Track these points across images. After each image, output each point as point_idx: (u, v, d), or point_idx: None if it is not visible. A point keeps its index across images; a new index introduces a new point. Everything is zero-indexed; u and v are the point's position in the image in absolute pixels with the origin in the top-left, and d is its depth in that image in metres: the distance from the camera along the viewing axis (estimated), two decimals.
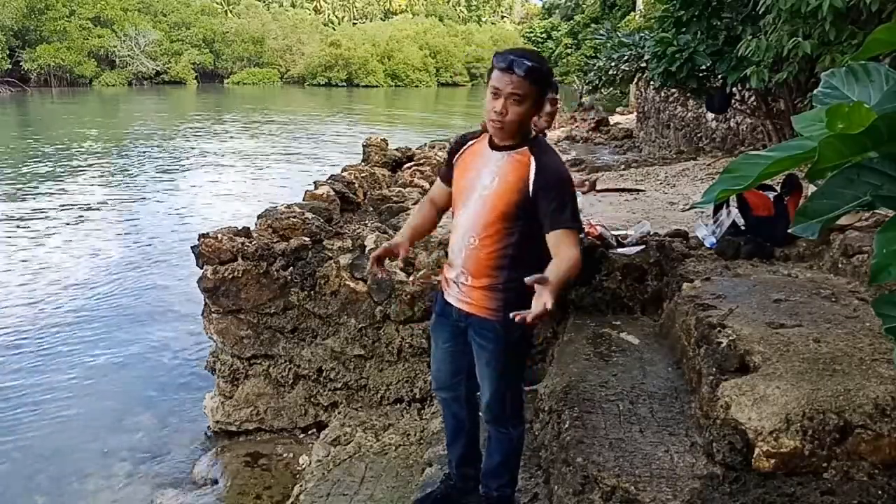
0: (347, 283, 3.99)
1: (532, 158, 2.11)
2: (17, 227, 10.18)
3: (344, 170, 6.33)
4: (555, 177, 2.11)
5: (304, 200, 5.16)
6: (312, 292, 4.06)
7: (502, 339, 2.21)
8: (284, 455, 4.11)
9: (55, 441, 4.49)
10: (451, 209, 2.37)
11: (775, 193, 3.96)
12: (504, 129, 2.10)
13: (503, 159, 2.15)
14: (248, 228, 4.43)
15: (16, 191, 12.86)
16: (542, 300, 1.85)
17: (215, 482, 3.99)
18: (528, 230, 2.13)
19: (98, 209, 11.48)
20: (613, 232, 4.16)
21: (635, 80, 10.61)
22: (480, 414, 2.45)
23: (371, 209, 5.45)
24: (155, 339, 6.19)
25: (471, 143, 2.30)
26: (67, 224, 10.39)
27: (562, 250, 2.04)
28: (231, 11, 65.77)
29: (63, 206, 11.62)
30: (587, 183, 3.52)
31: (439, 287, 2.42)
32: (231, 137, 21.86)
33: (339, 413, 4.09)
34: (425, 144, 9.18)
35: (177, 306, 6.88)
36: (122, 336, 6.26)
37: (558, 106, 3.39)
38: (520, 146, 2.14)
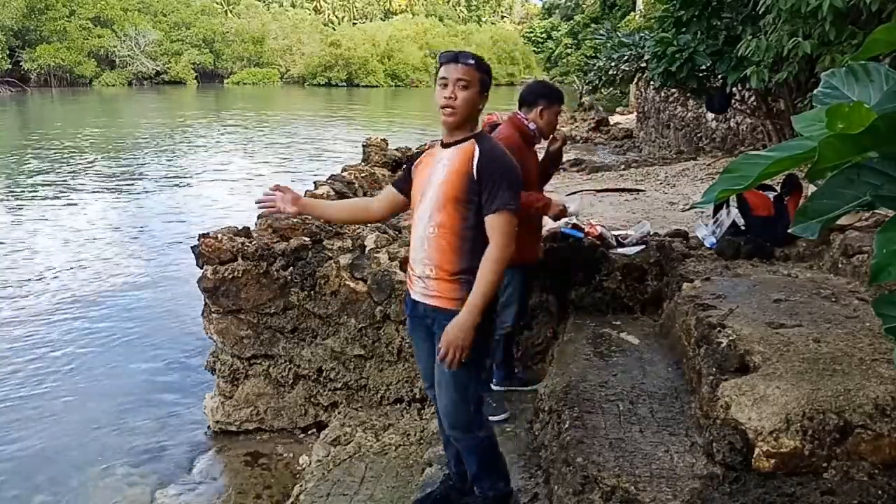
0: (347, 283, 3.99)
1: (476, 146, 2.25)
2: (15, 226, 10.18)
3: (344, 170, 6.34)
4: (495, 161, 2.23)
5: None
6: (312, 292, 4.06)
7: None
8: (284, 455, 4.11)
9: (55, 441, 4.49)
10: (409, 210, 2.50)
11: (775, 193, 3.96)
12: (455, 114, 2.23)
13: (451, 153, 2.28)
14: (248, 228, 4.43)
15: (14, 191, 12.86)
16: (451, 338, 2.14)
17: (215, 482, 3.99)
18: (481, 215, 2.23)
19: (97, 209, 11.47)
20: (613, 232, 4.17)
21: (635, 80, 10.62)
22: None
23: None
24: (155, 339, 6.18)
25: (427, 150, 2.48)
26: (65, 224, 10.38)
27: (492, 238, 2.19)
28: (231, 11, 65.79)
29: (61, 206, 11.62)
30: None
31: (407, 287, 2.46)
32: (231, 137, 21.86)
33: (339, 413, 4.09)
34: (425, 144, 9.17)
35: (177, 306, 6.87)
36: (121, 336, 6.25)
37: (560, 111, 3.37)
38: (467, 139, 2.28)
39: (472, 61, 2.23)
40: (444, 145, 2.33)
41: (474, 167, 2.21)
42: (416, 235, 2.34)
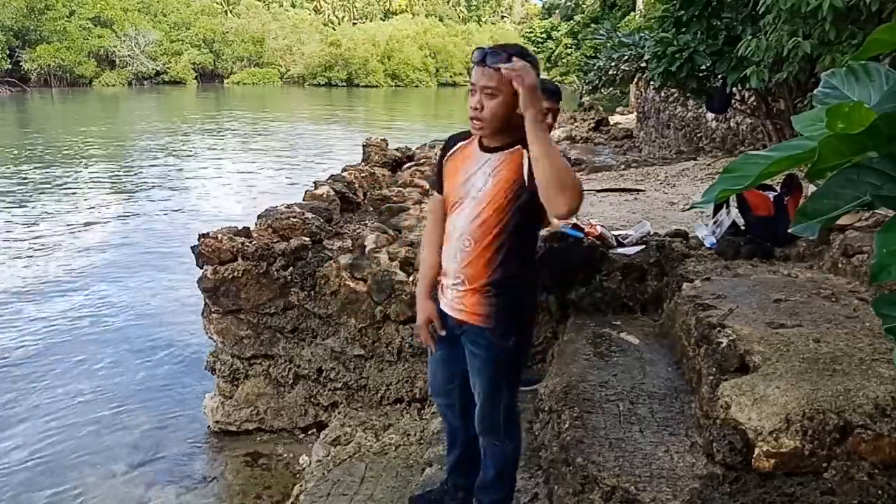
0: (347, 283, 3.99)
1: (526, 152, 1.98)
2: (15, 227, 10.17)
3: (344, 170, 6.34)
4: None
5: (304, 200, 5.16)
6: (312, 292, 4.06)
7: (494, 347, 2.17)
8: (284, 455, 4.11)
9: (55, 441, 4.49)
10: None
11: (775, 193, 3.96)
12: (483, 126, 2.03)
13: (494, 160, 2.08)
14: (248, 228, 4.43)
15: (14, 191, 12.86)
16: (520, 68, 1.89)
17: (215, 482, 4.00)
18: (518, 223, 2.08)
19: (97, 209, 11.47)
20: (614, 232, 4.16)
21: (635, 80, 10.61)
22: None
23: (371, 209, 5.45)
24: (155, 338, 6.19)
25: (460, 144, 2.22)
26: (65, 224, 10.38)
27: None
28: (231, 11, 65.82)
29: (61, 206, 11.62)
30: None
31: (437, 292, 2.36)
32: (230, 137, 21.86)
33: (339, 413, 4.09)
34: (425, 144, 9.17)
35: (176, 306, 6.88)
36: (121, 336, 6.25)
37: (559, 110, 3.37)
38: (512, 145, 2.05)
39: (500, 64, 1.91)
40: (484, 148, 2.10)
41: (525, 174, 2.00)
42: (450, 245, 2.18)
